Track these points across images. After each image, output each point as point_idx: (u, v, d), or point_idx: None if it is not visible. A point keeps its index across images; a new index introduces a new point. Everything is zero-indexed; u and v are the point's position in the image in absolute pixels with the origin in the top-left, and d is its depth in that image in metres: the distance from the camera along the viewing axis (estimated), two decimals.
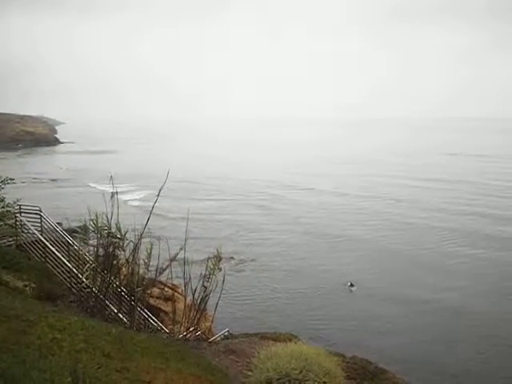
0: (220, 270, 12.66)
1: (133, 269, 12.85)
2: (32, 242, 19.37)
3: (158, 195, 12.27)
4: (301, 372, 9.65)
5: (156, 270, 12.62)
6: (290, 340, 12.77)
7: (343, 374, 10.63)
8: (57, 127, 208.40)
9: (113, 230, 12.71)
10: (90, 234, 13.05)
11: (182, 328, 12.46)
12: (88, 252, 13.57)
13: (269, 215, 53.13)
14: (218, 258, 12.78)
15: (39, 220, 20.76)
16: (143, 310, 13.70)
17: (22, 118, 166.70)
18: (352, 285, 32.59)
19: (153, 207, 12.02)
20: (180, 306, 13.74)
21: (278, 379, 9.55)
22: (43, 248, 18.95)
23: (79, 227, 13.82)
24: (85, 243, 13.07)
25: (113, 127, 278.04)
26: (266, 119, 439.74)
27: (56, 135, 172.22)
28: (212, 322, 15.06)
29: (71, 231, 20.17)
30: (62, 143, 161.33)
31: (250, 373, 10.08)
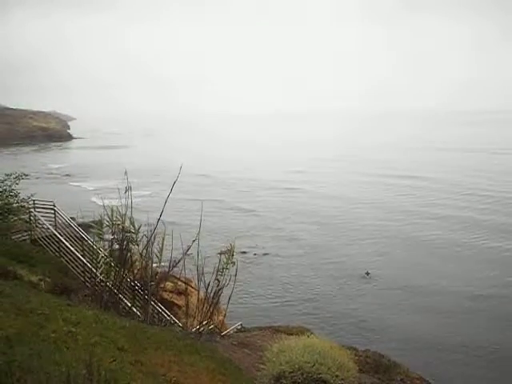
0: (234, 264, 12.69)
1: (146, 263, 12.93)
2: (46, 236, 19.60)
3: (171, 190, 12.33)
4: (313, 365, 9.68)
5: (169, 264, 12.69)
6: (303, 333, 12.78)
7: (356, 368, 10.63)
8: (69, 123, 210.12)
9: (127, 225, 12.79)
10: (105, 229, 13.14)
11: (195, 322, 12.52)
12: (102, 247, 13.66)
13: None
14: (232, 252, 12.80)
15: (53, 215, 20.99)
16: (157, 304, 13.80)
17: (35, 113, 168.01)
18: (368, 273, 33.47)
19: (166, 202, 12.06)
20: (193, 299, 13.82)
21: (291, 372, 9.59)
22: (57, 243, 19.16)
23: (94, 222, 13.93)
24: (100, 238, 13.16)
25: (116, 124, 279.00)
26: (273, 115, 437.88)
27: (69, 131, 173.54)
28: (225, 315, 15.14)
29: (85, 226, 20.36)
30: (75, 138, 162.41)
31: (262, 366, 10.12)
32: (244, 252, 36.61)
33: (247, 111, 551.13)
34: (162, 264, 12.96)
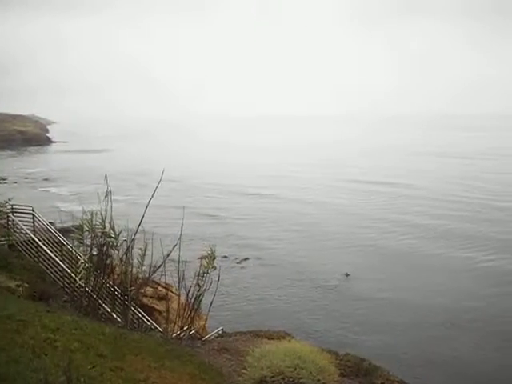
0: (214, 268, 12.68)
1: (126, 268, 12.85)
2: (25, 241, 19.34)
3: (152, 196, 12.30)
4: (295, 370, 9.68)
5: (149, 269, 12.64)
6: (284, 338, 12.80)
7: (337, 372, 10.66)
8: (48, 126, 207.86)
9: (106, 230, 12.71)
10: (84, 234, 13.04)
11: (176, 327, 12.48)
12: (82, 252, 13.55)
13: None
14: (212, 257, 12.78)
15: (32, 220, 20.74)
16: (137, 310, 13.72)
17: (14, 117, 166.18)
18: (347, 274, 33.80)
19: (146, 207, 12.03)
20: (174, 305, 13.76)
21: (272, 377, 9.58)
22: (36, 248, 18.91)
23: (73, 226, 13.81)
24: (80, 243, 13.06)
25: (104, 126, 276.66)
26: (265, 117, 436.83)
27: (48, 135, 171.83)
28: (206, 320, 15.10)
29: (64, 231, 20.16)
30: (54, 142, 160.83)
31: (243, 371, 10.10)
32: (225, 257, 36.54)
33: (247, 114, 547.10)
34: (143, 269, 12.90)
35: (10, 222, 20.06)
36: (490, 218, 48.94)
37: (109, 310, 13.26)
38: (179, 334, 12.33)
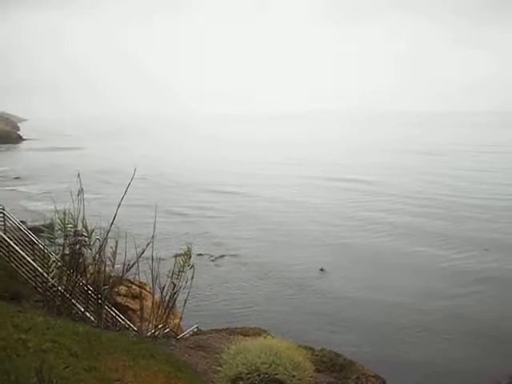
0: (191, 266, 12.61)
1: (99, 267, 12.72)
2: None
3: (124, 193, 12.17)
4: (270, 366, 9.71)
5: (123, 268, 12.52)
6: (260, 334, 12.81)
7: (312, 367, 10.72)
8: (19, 124, 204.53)
9: (79, 228, 12.56)
10: (57, 233, 12.85)
11: (151, 325, 12.39)
12: (54, 251, 13.36)
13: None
14: (189, 255, 12.72)
15: (2, 218, 20.36)
16: (111, 309, 13.58)
17: None
18: (322, 269, 34.10)
19: (119, 204, 11.91)
20: (148, 303, 13.67)
21: (248, 374, 9.59)
22: (7, 247, 18.58)
23: (44, 225, 13.61)
24: (51, 242, 12.87)
25: (88, 123, 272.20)
26: (261, 114, 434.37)
27: (19, 132, 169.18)
28: (181, 318, 15.03)
29: (36, 230, 19.84)
30: (25, 140, 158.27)
31: (219, 368, 10.09)
32: (200, 254, 36.41)
33: (246, 111, 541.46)
34: (116, 267, 12.78)
35: None
36: (459, 216, 49.34)
37: (82, 310, 13.11)
38: (154, 333, 12.25)
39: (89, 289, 13.37)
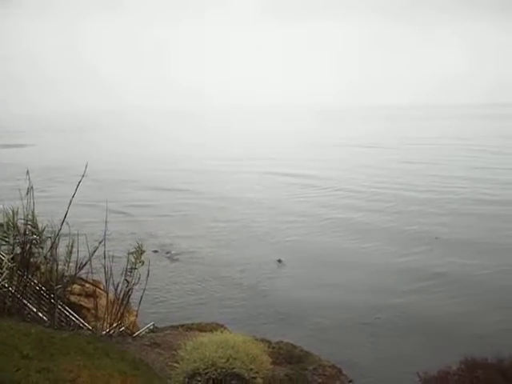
0: (143, 263, 12.49)
1: (51, 266, 12.46)
2: None
3: (75, 191, 11.97)
4: (227, 360, 9.73)
5: (76, 267, 12.30)
6: (216, 329, 12.79)
7: (269, 360, 10.79)
8: None
9: (29, 227, 12.28)
10: (6, 232, 12.52)
11: (105, 324, 12.22)
12: (3, 250, 13.01)
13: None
14: (140, 252, 12.59)
15: None
16: (64, 308, 13.32)
17: None
18: (280, 260, 34.42)
19: (71, 202, 11.69)
20: (102, 301, 13.47)
21: (205, 369, 9.58)
22: None
23: None
24: (5, 241, 12.52)
25: (50, 120, 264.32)
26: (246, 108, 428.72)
27: None
28: (136, 316, 14.86)
29: None
30: None
31: (176, 365, 10.05)
32: (155, 251, 36.07)
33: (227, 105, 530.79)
34: (69, 266, 12.54)
35: None
36: (407, 211, 49.87)
37: (34, 310, 12.82)
38: (109, 331, 12.10)
39: (41, 288, 13.09)
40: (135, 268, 11.88)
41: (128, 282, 11.95)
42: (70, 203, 11.76)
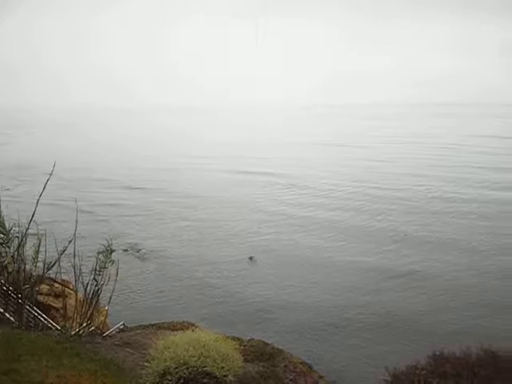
0: (112, 262, 12.37)
1: (19, 265, 12.26)
2: None
3: (43, 189, 11.80)
4: (199, 359, 9.70)
5: (44, 266, 12.13)
6: (187, 328, 12.77)
7: (241, 358, 10.79)
8: None
9: None
10: None
11: (75, 324, 12.08)
12: None
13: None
14: (110, 251, 12.46)
15: None
16: (32, 308, 13.13)
17: None
18: (251, 258, 34.70)
19: (38, 201, 11.51)
20: (71, 301, 13.31)
21: (176, 368, 9.54)
22: None
23: None
24: None
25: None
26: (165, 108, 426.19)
27: None
28: (106, 315, 14.72)
29: None
30: None
31: (147, 364, 9.98)
32: (126, 250, 35.79)
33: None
34: (37, 266, 12.36)
35: None
36: (375, 209, 50.25)
37: (2, 311, 12.60)
38: (78, 331, 11.96)
39: (8, 289, 12.87)
40: (105, 267, 11.76)
41: (97, 281, 11.83)
42: (37, 202, 11.58)
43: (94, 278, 11.71)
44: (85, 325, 12.10)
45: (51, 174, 11.93)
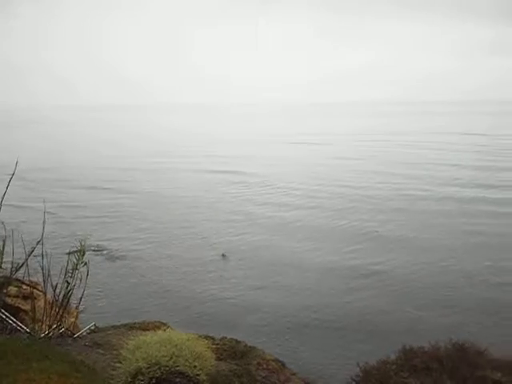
0: (85, 264, 12.21)
1: None
2: None
3: (7, 187, 11.58)
4: (171, 358, 9.66)
5: (11, 268, 11.92)
6: (159, 328, 12.69)
7: (213, 356, 10.78)
8: None
9: None
10: None
11: (44, 326, 11.90)
12: None
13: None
14: (82, 252, 12.30)
15: None
16: (0, 311, 12.89)
17: None
18: (224, 255, 35.10)
19: (2, 199, 11.28)
20: (40, 303, 13.09)
21: (148, 368, 9.48)
22: None
23: None
24: None
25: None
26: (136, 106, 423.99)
27: None
28: (77, 317, 14.53)
29: None
30: None
31: (118, 365, 9.90)
32: (95, 250, 35.44)
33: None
34: (4, 268, 12.13)
35: None
36: (346, 208, 50.55)
37: None
38: (48, 333, 11.78)
39: None
40: (76, 268, 11.60)
41: (68, 282, 11.67)
42: (1, 201, 11.37)
43: (66, 280, 11.55)
44: (54, 326, 11.93)
45: (13, 174, 11.70)
